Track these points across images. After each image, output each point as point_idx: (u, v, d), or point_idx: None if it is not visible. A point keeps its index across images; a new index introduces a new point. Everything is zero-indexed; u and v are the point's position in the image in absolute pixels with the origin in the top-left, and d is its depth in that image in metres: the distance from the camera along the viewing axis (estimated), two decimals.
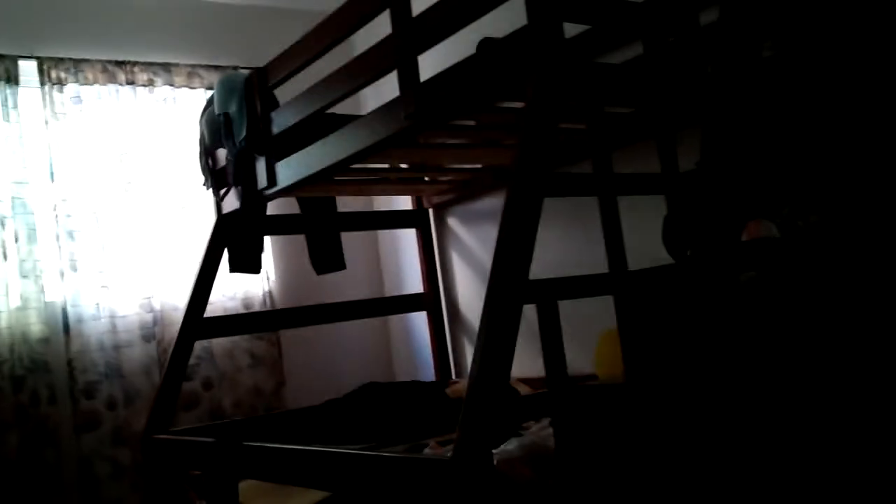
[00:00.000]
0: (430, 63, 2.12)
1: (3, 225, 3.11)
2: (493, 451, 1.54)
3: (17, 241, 3.12)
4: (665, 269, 1.67)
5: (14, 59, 3.23)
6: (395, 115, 2.11)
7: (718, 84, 1.61)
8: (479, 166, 3.15)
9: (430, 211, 3.70)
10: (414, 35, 2.05)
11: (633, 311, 1.67)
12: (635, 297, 1.67)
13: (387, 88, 2.24)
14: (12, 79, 3.21)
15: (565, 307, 1.60)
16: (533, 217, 1.53)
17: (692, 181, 1.74)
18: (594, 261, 2.10)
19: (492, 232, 3.36)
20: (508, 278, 1.48)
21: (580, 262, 2.57)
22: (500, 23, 1.93)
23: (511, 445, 1.58)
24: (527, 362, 2.20)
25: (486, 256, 3.46)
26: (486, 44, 1.91)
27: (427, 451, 1.72)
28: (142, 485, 2.87)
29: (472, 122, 2.42)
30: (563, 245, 2.92)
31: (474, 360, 1.46)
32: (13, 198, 3.14)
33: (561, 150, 2.50)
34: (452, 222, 3.64)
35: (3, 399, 3.01)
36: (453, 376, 3.61)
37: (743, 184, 1.52)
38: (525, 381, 2.81)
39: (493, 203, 3.38)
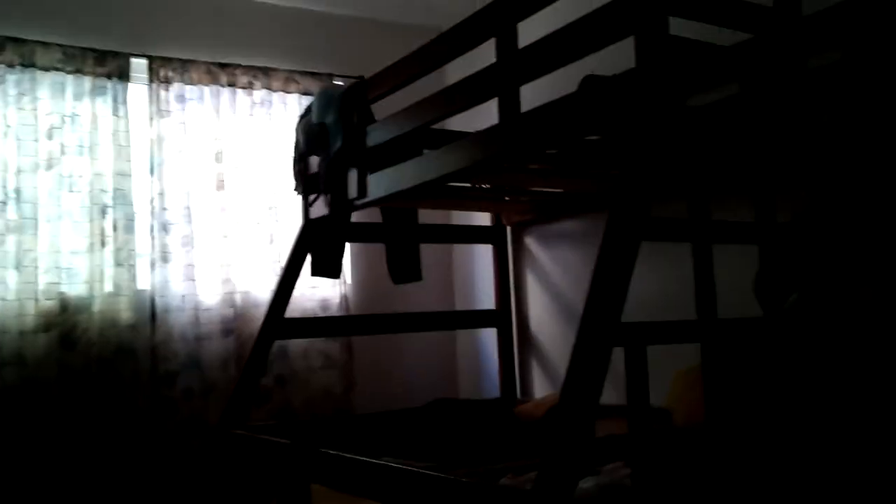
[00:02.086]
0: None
1: (104, 214, 3.26)
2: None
3: (115, 230, 3.28)
4: (757, 321, 1.67)
5: (126, 57, 3.39)
6: (494, 141, 2.15)
7: (839, 135, 1.58)
8: (559, 190, 3.17)
9: (508, 229, 3.73)
10: (518, 66, 2.09)
11: (721, 359, 1.67)
12: (725, 347, 1.67)
13: (474, 112, 2.30)
14: (124, 75, 3.37)
15: None
16: (629, 260, 1.55)
17: (792, 233, 1.72)
18: (675, 299, 2.10)
19: (569, 254, 3.42)
20: (601, 320, 1.50)
21: (661, 300, 2.58)
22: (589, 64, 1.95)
23: (588, 483, 1.60)
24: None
25: (561, 278, 3.48)
26: (590, 81, 1.94)
27: (504, 480, 1.75)
28: (213, 476, 2.97)
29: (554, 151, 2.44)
30: (645, 281, 2.91)
31: (562, 397, 1.48)
32: (115, 189, 3.30)
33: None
34: (529, 242, 3.67)
35: (89, 381, 3.16)
36: (518, 394, 3.63)
37: (855, 241, 1.50)
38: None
39: (573, 226, 3.40)
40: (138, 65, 3.43)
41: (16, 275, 3.07)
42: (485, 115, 2.32)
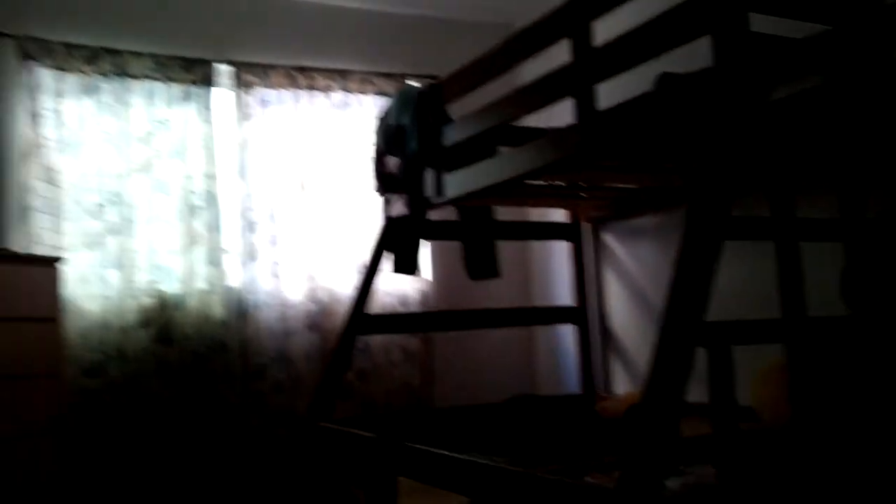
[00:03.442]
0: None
1: (195, 214, 3.42)
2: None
3: (206, 229, 3.44)
4: (843, 320, 1.64)
5: (211, 64, 3.54)
6: (570, 140, 2.17)
7: None
8: (634, 186, 3.15)
9: (586, 225, 3.72)
10: (594, 65, 2.10)
11: (807, 358, 1.65)
12: (812, 346, 1.65)
13: (549, 110, 2.31)
14: (209, 81, 3.52)
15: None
16: (711, 261, 1.55)
17: (879, 230, 1.69)
18: (757, 297, 2.07)
19: (649, 251, 3.40)
20: (683, 321, 1.51)
21: (742, 297, 2.54)
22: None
23: (673, 483, 1.61)
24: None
25: (641, 275, 3.45)
26: (666, 78, 1.94)
27: (589, 479, 1.78)
28: (302, 468, 3.09)
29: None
30: (725, 277, 2.87)
31: (645, 397, 1.50)
32: (205, 190, 3.45)
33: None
34: (607, 238, 3.65)
35: (185, 375, 3.33)
36: (599, 391, 3.63)
37: None
38: None
39: (652, 222, 3.37)
40: (223, 71, 3.57)
41: (117, 274, 3.25)
42: (559, 112, 2.34)
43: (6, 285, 2.63)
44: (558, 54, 2.25)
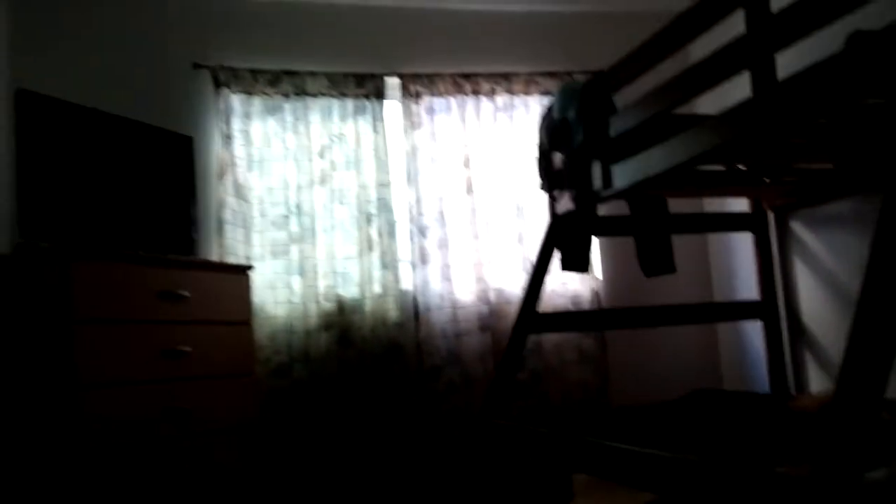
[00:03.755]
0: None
1: (369, 221, 3.56)
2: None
3: (380, 236, 3.56)
4: None
5: (381, 77, 3.68)
6: (748, 115, 2.03)
7: None
8: (828, 167, 2.90)
9: (770, 214, 3.48)
10: (774, 30, 1.95)
11: None
12: None
13: (719, 96, 2.17)
14: (380, 94, 3.66)
15: None
16: None
17: None
18: None
19: (844, 239, 3.12)
20: (888, 283, 1.36)
21: None
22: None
23: (878, 473, 1.45)
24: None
25: (835, 265, 3.17)
26: (858, 37, 1.76)
27: (780, 470, 1.64)
28: (477, 466, 3.10)
29: (823, 121, 2.24)
30: None
31: (843, 369, 1.36)
32: (378, 198, 3.59)
33: None
34: (796, 227, 3.39)
35: (365, 376, 3.46)
36: (792, 391, 3.36)
37: None
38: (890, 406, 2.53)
39: (847, 207, 3.09)
40: (391, 83, 3.70)
41: (300, 280, 3.44)
42: (731, 98, 2.20)
43: (206, 292, 2.86)
44: (727, 33, 2.12)
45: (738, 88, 2.14)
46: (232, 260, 3.33)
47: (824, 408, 2.37)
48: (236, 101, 3.47)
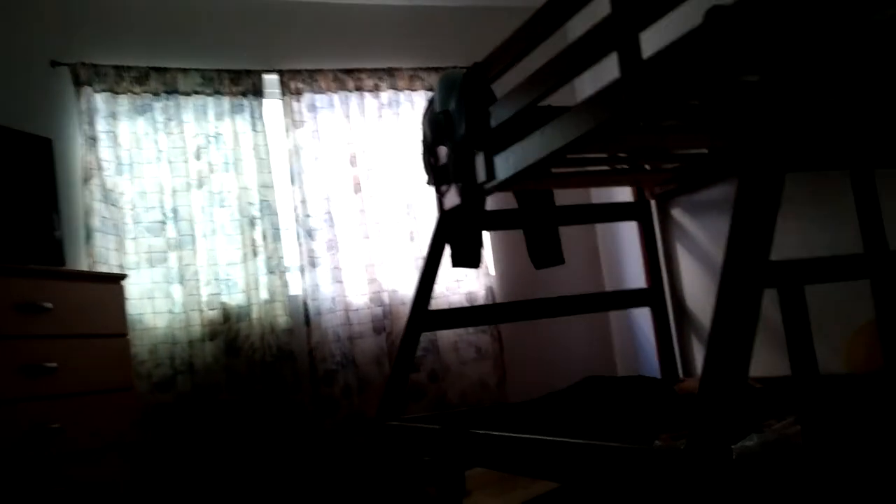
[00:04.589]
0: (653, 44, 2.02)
1: (253, 225, 3.42)
2: (732, 446, 1.42)
3: (264, 239, 3.43)
4: None
5: (259, 74, 3.55)
6: (616, 98, 2.03)
7: None
8: (704, 151, 2.97)
9: (652, 202, 3.55)
10: (634, 11, 1.96)
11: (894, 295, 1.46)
12: None
13: (605, 76, 2.18)
14: (258, 92, 3.53)
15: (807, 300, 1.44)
16: (774, 187, 1.39)
17: None
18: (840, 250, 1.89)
19: (722, 224, 3.18)
20: (746, 257, 1.36)
21: (822, 251, 2.34)
22: None
23: (751, 441, 1.46)
24: (761, 362, 2.03)
25: (715, 250, 3.25)
26: (715, 11, 1.78)
27: (657, 443, 1.64)
28: (374, 469, 3.02)
29: (695, 102, 2.27)
30: (802, 232, 2.66)
31: (709, 346, 1.35)
32: (261, 200, 3.45)
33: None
34: (677, 214, 3.47)
35: (255, 383, 3.32)
36: (681, 375, 3.43)
37: None
38: (760, 380, 2.60)
39: (723, 192, 3.17)
40: (270, 80, 3.58)
41: (180, 288, 3.27)
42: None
43: (73, 303, 2.67)
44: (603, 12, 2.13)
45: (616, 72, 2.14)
46: (103, 269, 3.12)
47: None
48: (100, 100, 3.27)
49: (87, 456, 2.60)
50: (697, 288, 3.38)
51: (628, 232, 3.72)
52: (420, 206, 3.69)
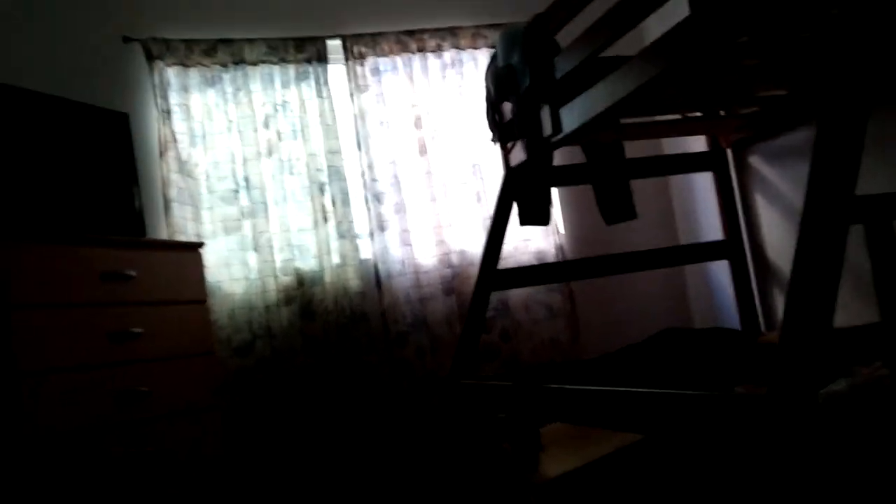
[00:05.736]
0: None
1: (322, 191, 3.46)
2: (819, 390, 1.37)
3: (334, 205, 3.46)
4: None
5: (322, 40, 3.56)
6: (689, 35, 1.95)
7: None
8: (784, 92, 2.83)
9: (728, 151, 3.42)
10: None
11: None
12: None
13: (672, 21, 2.09)
14: (322, 58, 3.54)
15: None
16: (860, 117, 1.31)
17: None
18: None
19: (806, 172, 3.03)
20: (830, 191, 1.29)
21: None
22: None
23: (839, 385, 1.40)
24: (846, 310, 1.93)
25: (798, 199, 3.12)
26: None
27: (739, 390, 1.59)
28: (449, 428, 3.04)
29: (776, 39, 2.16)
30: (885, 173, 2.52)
31: (791, 286, 1.30)
32: (329, 166, 3.48)
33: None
34: (755, 162, 3.33)
35: (331, 347, 3.37)
36: (762, 329, 3.33)
37: None
38: (846, 330, 2.49)
39: (807, 137, 3.02)
40: (333, 46, 3.59)
41: (255, 255, 3.34)
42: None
43: (155, 271, 2.75)
44: None
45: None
46: (182, 238, 3.21)
47: None
48: (171, 73, 3.34)
49: (174, 417, 2.70)
50: (779, 239, 3.26)
51: (703, 183, 3.60)
52: (486, 166, 3.66)
